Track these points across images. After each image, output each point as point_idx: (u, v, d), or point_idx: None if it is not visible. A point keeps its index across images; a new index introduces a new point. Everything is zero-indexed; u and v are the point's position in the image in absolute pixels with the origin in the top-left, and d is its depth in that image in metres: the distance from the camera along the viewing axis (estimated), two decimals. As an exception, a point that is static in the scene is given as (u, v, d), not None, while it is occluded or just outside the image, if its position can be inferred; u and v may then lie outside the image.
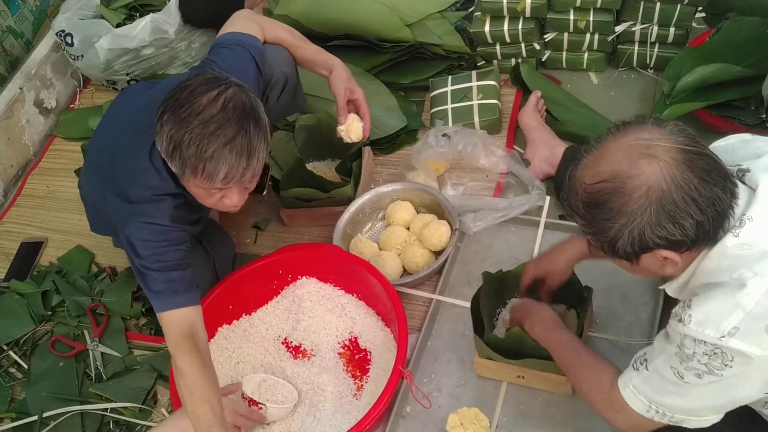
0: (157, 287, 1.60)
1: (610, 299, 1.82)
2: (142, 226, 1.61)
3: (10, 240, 2.48)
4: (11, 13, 2.72)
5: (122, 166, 1.68)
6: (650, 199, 1.10)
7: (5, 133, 2.64)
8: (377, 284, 1.84)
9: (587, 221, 1.19)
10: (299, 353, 1.92)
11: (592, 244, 1.23)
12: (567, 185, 1.22)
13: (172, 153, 1.50)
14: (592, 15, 2.24)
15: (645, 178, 1.10)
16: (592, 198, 1.16)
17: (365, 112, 1.97)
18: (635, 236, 1.13)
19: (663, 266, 1.18)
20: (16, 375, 2.10)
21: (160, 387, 1.98)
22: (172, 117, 1.49)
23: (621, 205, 1.12)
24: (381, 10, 2.46)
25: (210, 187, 1.54)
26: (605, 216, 1.14)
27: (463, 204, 2.08)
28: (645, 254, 1.16)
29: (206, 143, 1.47)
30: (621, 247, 1.16)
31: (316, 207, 2.16)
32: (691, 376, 1.17)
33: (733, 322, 1.10)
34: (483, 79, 2.33)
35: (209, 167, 1.48)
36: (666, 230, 1.11)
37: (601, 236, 1.17)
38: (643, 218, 1.11)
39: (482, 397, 1.75)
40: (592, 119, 2.22)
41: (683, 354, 1.16)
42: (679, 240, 1.12)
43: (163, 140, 1.51)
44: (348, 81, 1.95)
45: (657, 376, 1.23)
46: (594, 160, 1.17)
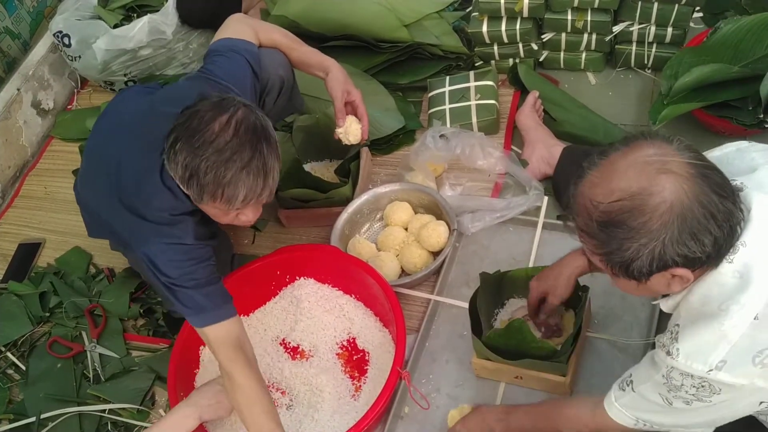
0: (194, 303, 1.60)
1: (609, 300, 1.82)
2: (167, 248, 1.60)
3: (8, 241, 2.47)
4: (8, 14, 2.72)
5: (132, 182, 1.66)
6: (673, 216, 1.06)
7: (3, 135, 2.64)
8: (375, 285, 1.84)
9: (600, 241, 1.13)
10: (297, 354, 1.92)
11: (597, 265, 1.18)
12: (573, 204, 1.17)
13: (189, 180, 1.49)
14: (590, 15, 2.24)
15: (667, 194, 1.06)
16: (608, 217, 1.10)
17: (363, 113, 1.97)
18: (655, 255, 1.08)
19: (670, 285, 1.15)
20: (14, 376, 2.09)
21: (158, 388, 1.98)
22: (185, 146, 1.48)
23: (642, 224, 1.07)
24: (379, 11, 2.46)
25: (228, 210, 1.54)
26: (624, 235, 1.09)
27: (461, 204, 2.08)
28: (658, 273, 1.12)
29: (224, 170, 1.46)
30: (637, 267, 1.11)
31: (314, 208, 2.16)
32: (679, 402, 1.17)
33: (720, 355, 1.08)
34: (481, 79, 2.33)
35: (228, 192, 1.48)
36: (687, 247, 1.07)
37: (615, 257, 1.12)
38: (666, 236, 1.07)
39: (480, 397, 1.75)
40: (590, 119, 2.22)
41: (671, 385, 1.16)
42: (697, 257, 1.09)
43: (178, 169, 1.50)
44: (345, 83, 1.95)
45: (644, 400, 1.24)
46: (603, 177, 1.12)
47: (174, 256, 1.60)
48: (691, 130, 2.07)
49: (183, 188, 1.55)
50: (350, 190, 2.12)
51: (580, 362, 1.72)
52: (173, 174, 1.53)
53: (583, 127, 2.19)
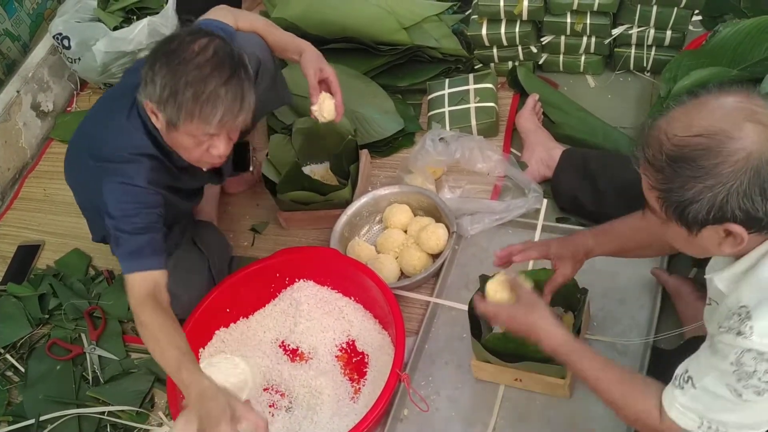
0: (126, 249, 1.62)
1: (607, 302, 1.82)
2: (117, 186, 1.64)
3: (7, 243, 2.47)
4: (8, 16, 2.72)
5: (100, 126, 1.73)
6: (747, 166, 1.01)
7: (2, 137, 2.64)
8: (374, 287, 1.84)
9: (666, 175, 1.07)
10: (297, 356, 1.92)
11: (652, 203, 1.12)
12: (645, 134, 1.11)
13: (167, 99, 1.53)
14: (589, 18, 2.25)
15: (748, 142, 1.01)
16: (680, 151, 1.05)
17: (337, 89, 1.97)
18: (716, 202, 1.03)
19: (721, 244, 1.09)
20: (13, 378, 2.09)
21: (157, 390, 1.98)
22: (165, 66, 1.52)
23: (714, 165, 1.02)
24: (378, 13, 2.46)
25: (203, 132, 1.57)
26: (692, 173, 1.04)
27: (460, 207, 2.08)
28: (713, 225, 1.06)
29: (203, 85, 1.51)
30: (693, 211, 1.05)
31: (313, 210, 2.16)
32: (750, 393, 1.08)
33: None
34: (480, 82, 2.33)
35: (206, 109, 1.52)
36: (753, 203, 1.02)
37: (675, 195, 1.06)
38: (734, 185, 1.01)
39: (480, 399, 1.75)
40: (589, 122, 2.22)
41: (742, 372, 1.07)
42: (759, 217, 1.03)
43: (157, 89, 1.54)
44: (318, 61, 1.96)
45: (708, 394, 1.13)
46: (687, 113, 1.07)
47: (121, 196, 1.63)
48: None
49: (159, 114, 1.58)
50: (350, 192, 2.13)
51: (580, 365, 1.71)
52: (150, 98, 1.56)
53: (583, 130, 2.20)
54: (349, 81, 2.44)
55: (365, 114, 2.37)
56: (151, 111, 1.60)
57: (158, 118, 1.60)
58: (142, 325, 1.57)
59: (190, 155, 1.66)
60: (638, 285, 1.84)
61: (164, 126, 1.60)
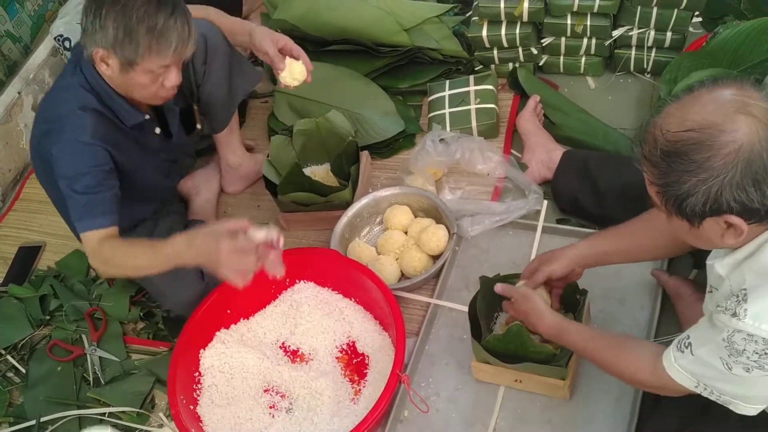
0: (79, 210, 1.69)
1: (608, 303, 1.83)
2: (66, 144, 1.70)
3: (8, 244, 2.47)
4: (9, 18, 2.72)
5: (50, 95, 1.83)
6: (739, 158, 1.03)
7: (3, 138, 2.64)
8: (375, 288, 1.84)
9: (661, 170, 1.10)
10: (297, 357, 1.93)
11: (654, 198, 1.15)
12: (642, 131, 1.14)
13: (123, 40, 1.60)
14: (590, 19, 2.25)
15: (739, 135, 1.03)
16: (673, 146, 1.07)
17: (299, 51, 2.01)
18: (711, 195, 1.05)
19: (723, 235, 1.11)
20: (13, 379, 2.09)
21: (157, 391, 1.98)
22: (111, 8, 1.60)
23: (706, 159, 1.04)
24: (379, 15, 2.46)
25: (159, 65, 1.65)
26: (685, 167, 1.06)
27: (460, 208, 2.08)
28: (712, 217, 1.09)
29: (155, 19, 1.60)
30: (690, 204, 1.08)
31: (314, 211, 2.16)
32: (739, 368, 1.13)
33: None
34: (480, 83, 2.34)
35: (162, 41, 1.61)
36: (746, 194, 1.04)
37: (671, 189, 1.09)
38: (726, 177, 1.04)
39: (480, 400, 1.75)
40: (590, 123, 2.22)
41: (732, 349, 1.12)
42: (755, 208, 1.05)
43: (109, 32, 1.60)
44: (270, 33, 2.01)
45: (703, 363, 1.19)
46: (682, 108, 1.09)
47: (71, 155, 1.69)
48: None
49: (111, 59, 1.64)
50: (350, 193, 2.13)
51: (580, 365, 1.72)
52: (101, 45, 1.63)
53: (583, 131, 2.20)
54: (350, 82, 2.45)
55: (366, 115, 2.37)
56: (101, 59, 1.67)
57: (109, 65, 1.67)
58: (107, 262, 1.69)
59: (145, 92, 1.73)
60: (638, 286, 1.84)
61: (118, 70, 1.67)
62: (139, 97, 1.76)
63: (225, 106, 2.14)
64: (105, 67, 1.69)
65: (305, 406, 1.82)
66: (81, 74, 1.74)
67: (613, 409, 1.65)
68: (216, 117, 2.15)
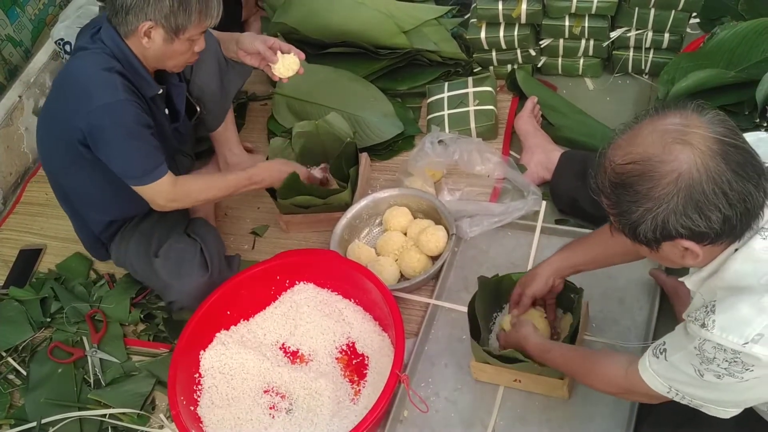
0: (142, 164, 1.79)
1: (607, 303, 1.83)
2: (103, 109, 1.73)
3: (9, 247, 2.48)
4: (10, 22, 2.73)
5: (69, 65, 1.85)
6: (679, 187, 1.06)
7: (4, 141, 2.65)
8: (374, 289, 1.85)
9: (612, 201, 1.15)
10: (297, 358, 1.93)
11: (614, 226, 1.19)
12: (596, 163, 1.18)
13: (179, 9, 1.71)
14: (587, 21, 2.26)
15: (677, 164, 1.06)
16: (619, 178, 1.12)
17: (289, 46, 2.04)
18: (658, 222, 1.09)
19: (683, 256, 1.15)
20: (15, 381, 2.10)
21: (158, 393, 1.99)
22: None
23: (648, 190, 1.08)
24: (378, 17, 2.47)
25: (200, 31, 1.78)
26: (630, 198, 1.11)
27: (459, 209, 2.09)
28: (666, 242, 1.12)
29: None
30: (642, 231, 1.12)
31: (313, 213, 2.17)
32: (710, 375, 1.15)
33: (757, 328, 1.08)
34: (479, 85, 2.34)
35: (210, 7, 1.75)
36: (691, 220, 1.07)
37: (624, 218, 1.14)
38: (669, 205, 1.07)
39: (479, 400, 1.76)
40: (588, 124, 2.23)
41: (703, 357, 1.15)
42: (703, 232, 1.08)
43: (165, 3, 1.70)
44: (258, 35, 2.07)
45: (676, 369, 1.21)
46: (627, 140, 1.13)
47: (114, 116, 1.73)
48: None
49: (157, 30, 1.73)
50: (349, 195, 2.14)
51: (579, 365, 1.72)
52: (152, 17, 1.71)
53: (581, 132, 2.21)
54: (349, 85, 2.46)
55: (365, 117, 2.38)
56: (145, 33, 1.73)
57: (151, 37, 1.74)
58: (183, 198, 1.88)
59: (180, 59, 1.83)
60: (637, 286, 1.84)
61: (161, 41, 1.75)
62: (171, 66, 1.85)
63: (219, 101, 2.16)
64: (146, 41, 1.75)
65: (305, 406, 1.82)
66: (102, 44, 1.78)
67: (612, 408, 1.65)
68: (210, 112, 2.16)
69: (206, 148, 2.38)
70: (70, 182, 1.96)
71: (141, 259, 2.01)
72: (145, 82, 1.83)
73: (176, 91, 1.97)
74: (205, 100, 2.11)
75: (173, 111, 1.99)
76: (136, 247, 2.02)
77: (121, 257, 2.07)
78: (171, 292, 1.98)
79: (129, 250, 2.03)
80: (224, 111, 2.22)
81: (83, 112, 1.73)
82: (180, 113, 2.01)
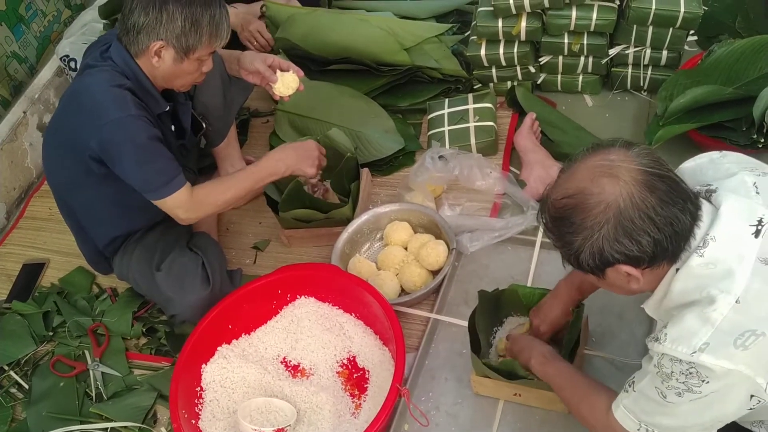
0: (157, 178, 1.79)
1: (606, 318, 1.84)
2: (114, 125, 1.74)
3: (13, 261, 2.49)
4: (15, 39, 2.76)
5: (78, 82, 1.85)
6: (607, 216, 1.16)
7: (8, 157, 2.67)
8: (375, 304, 1.86)
9: (555, 235, 1.25)
10: (298, 372, 1.94)
11: (563, 258, 1.28)
12: (541, 202, 1.28)
13: (190, 30, 1.73)
14: (586, 38, 2.28)
15: (604, 196, 1.16)
16: (558, 213, 1.22)
17: (289, 64, 2.07)
18: (595, 250, 1.18)
19: (628, 281, 1.23)
20: (17, 395, 2.10)
21: (160, 406, 1.99)
22: (178, 3, 1.72)
23: (582, 220, 1.18)
24: (379, 34, 2.50)
25: (209, 51, 1.80)
26: (568, 230, 1.20)
27: (460, 224, 2.10)
28: (608, 268, 1.21)
29: (213, 9, 1.76)
30: (584, 260, 1.21)
31: (315, 227, 2.18)
32: (672, 395, 1.20)
33: (703, 338, 1.14)
34: (479, 101, 2.37)
35: (219, 29, 1.78)
36: (623, 246, 1.16)
37: (567, 249, 1.23)
38: (602, 233, 1.16)
39: (479, 414, 1.76)
40: (587, 141, 2.24)
41: (662, 373, 1.20)
42: (637, 256, 1.17)
43: (176, 24, 1.72)
44: (259, 54, 2.10)
45: (643, 397, 1.26)
46: (564, 178, 1.23)
47: (126, 132, 1.74)
48: (687, 151, 2.07)
49: (168, 50, 1.75)
50: (350, 210, 2.15)
51: (578, 379, 1.73)
52: (164, 37, 1.73)
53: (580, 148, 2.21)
54: (351, 101, 2.48)
55: (366, 133, 2.40)
56: (156, 52, 1.75)
57: (161, 57, 1.76)
58: (199, 208, 1.86)
59: (188, 79, 1.85)
60: (636, 301, 1.83)
61: (171, 60, 1.77)
62: (178, 85, 1.86)
63: (222, 117, 2.18)
64: (156, 60, 1.77)
65: (306, 420, 1.82)
66: (111, 61, 1.80)
67: (612, 423, 1.66)
68: (213, 128, 2.19)
69: (209, 163, 2.39)
70: (77, 197, 1.98)
71: (143, 273, 2.02)
72: (154, 100, 1.85)
73: (182, 109, 1.99)
74: (208, 117, 2.13)
75: (179, 128, 2.01)
76: (138, 260, 2.04)
77: (124, 271, 2.09)
78: (173, 306, 1.99)
79: (132, 263, 2.05)
80: (227, 127, 2.24)
81: (94, 127, 1.75)
82: (186, 130, 2.03)
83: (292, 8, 2.66)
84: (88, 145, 1.77)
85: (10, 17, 2.72)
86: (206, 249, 2.07)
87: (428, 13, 2.72)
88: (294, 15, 2.60)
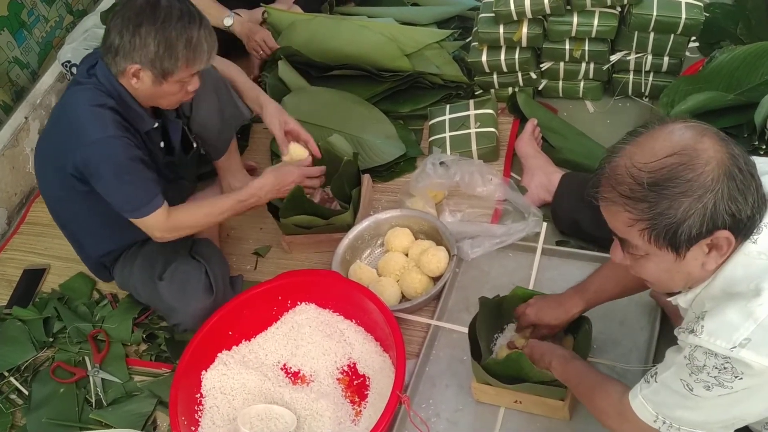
0: (135, 198, 1.79)
1: (608, 324, 1.83)
2: (94, 146, 1.74)
3: (13, 267, 2.49)
4: (17, 44, 2.77)
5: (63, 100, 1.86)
6: (720, 172, 1.08)
7: (10, 162, 2.68)
8: (376, 310, 1.85)
9: (650, 202, 1.11)
10: (298, 379, 1.93)
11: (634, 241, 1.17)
12: (606, 176, 1.17)
13: (164, 54, 1.69)
14: (588, 44, 2.28)
15: (712, 152, 1.09)
16: (659, 174, 1.10)
17: (306, 135, 2.12)
18: (707, 211, 1.09)
19: (705, 263, 1.15)
20: (16, 401, 2.10)
21: (159, 413, 1.99)
22: (151, 28, 1.67)
23: (697, 177, 1.08)
24: (381, 41, 2.50)
25: (191, 74, 1.75)
26: (680, 189, 1.09)
27: (461, 230, 2.10)
28: (703, 239, 1.11)
29: (189, 32, 1.70)
30: (686, 228, 1.10)
31: (315, 233, 2.18)
32: (700, 388, 1.15)
33: (745, 333, 1.09)
34: (480, 107, 2.37)
35: (197, 52, 1.72)
36: (736, 204, 1.09)
37: (664, 219, 1.11)
38: (718, 189, 1.08)
39: (480, 422, 1.75)
40: (588, 147, 2.25)
41: (693, 366, 1.15)
42: (742, 219, 1.10)
43: (150, 49, 1.69)
44: (280, 114, 2.11)
45: (666, 389, 1.22)
46: (643, 145, 1.14)
47: (106, 152, 1.74)
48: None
49: (146, 73, 1.72)
50: (351, 216, 2.15)
51: (579, 387, 1.72)
52: (139, 61, 1.70)
53: (582, 154, 2.22)
54: (352, 107, 2.48)
55: (367, 139, 2.40)
56: (133, 74, 1.73)
57: (140, 78, 1.74)
58: (177, 228, 1.87)
59: (172, 99, 1.82)
60: (638, 307, 1.84)
61: (150, 83, 1.75)
62: (164, 104, 1.85)
63: (220, 136, 2.18)
64: (135, 81, 1.75)
65: (306, 427, 1.82)
66: (96, 80, 1.79)
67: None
68: (212, 146, 2.20)
69: (209, 170, 2.39)
70: (67, 212, 1.99)
71: (145, 283, 2.02)
72: (139, 117, 1.83)
73: (172, 126, 1.98)
74: (206, 136, 2.13)
75: (169, 145, 2.00)
76: (140, 270, 2.03)
77: (125, 280, 2.08)
78: (176, 315, 1.99)
79: (133, 273, 2.04)
80: (226, 144, 2.24)
81: (75, 147, 1.76)
82: (175, 148, 2.02)
83: (293, 15, 2.66)
84: (70, 163, 1.78)
85: (13, 23, 2.73)
86: (209, 257, 2.06)
87: (429, 19, 2.73)
88: (295, 21, 2.61)
